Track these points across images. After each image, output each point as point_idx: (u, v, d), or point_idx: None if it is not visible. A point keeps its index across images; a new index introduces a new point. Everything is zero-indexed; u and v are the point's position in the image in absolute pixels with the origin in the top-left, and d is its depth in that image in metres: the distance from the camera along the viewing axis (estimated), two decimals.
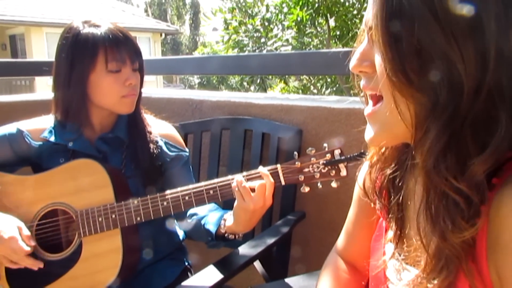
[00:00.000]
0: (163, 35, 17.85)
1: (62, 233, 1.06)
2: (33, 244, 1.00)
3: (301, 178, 0.95)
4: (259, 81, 6.08)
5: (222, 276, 0.99)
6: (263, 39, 5.76)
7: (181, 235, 1.30)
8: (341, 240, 0.81)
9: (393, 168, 0.60)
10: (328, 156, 0.94)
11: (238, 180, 0.95)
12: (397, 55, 0.46)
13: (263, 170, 0.96)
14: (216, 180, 0.99)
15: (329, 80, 6.39)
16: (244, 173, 0.97)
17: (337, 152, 0.93)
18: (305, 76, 6.35)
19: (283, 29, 5.76)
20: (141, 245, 1.12)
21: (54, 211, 1.06)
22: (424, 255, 0.51)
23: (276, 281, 1.04)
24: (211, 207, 1.16)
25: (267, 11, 5.82)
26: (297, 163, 0.96)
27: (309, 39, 6.29)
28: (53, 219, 1.05)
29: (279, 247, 1.39)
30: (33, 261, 1.00)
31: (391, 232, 0.61)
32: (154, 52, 15.74)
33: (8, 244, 0.96)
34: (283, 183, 0.96)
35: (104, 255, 1.03)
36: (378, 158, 0.62)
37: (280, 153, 1.46)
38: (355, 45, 0.57)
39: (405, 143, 0.57)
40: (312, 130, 1.45)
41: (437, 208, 0.47)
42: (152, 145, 1.13)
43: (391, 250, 0.61)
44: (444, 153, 0.46)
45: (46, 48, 12.96)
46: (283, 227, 1.30)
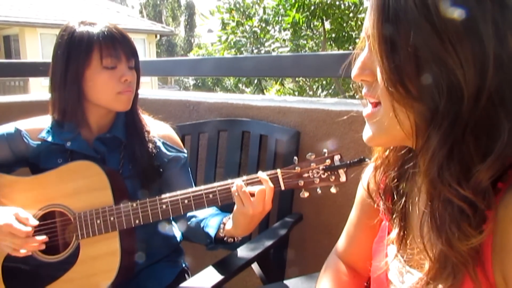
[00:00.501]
0: (158, 36, 17.83)
1: (60, 235, 1.05)
2: (34, 224, 0.98)
3: (301, 183, 0.95)
4: (255, 82, 6.10)
5: (220, 278, 0.99)
6: (261, 40, 5.78)
7: (178, 237, 1.30)
8: (341, 243, 0.81)
9: (397, 171, 0.61)
10: (328, 161, 0.94)
11: (238, 185, 0.94)
12: (394, 64, 0.46)
13: (262, 175, 0.96)
14: (215, 184, 0.99)
15: (324, 82, 6.42)
16: (244, 177, 0.97)
17: (336, 157, 0.93)
18: (301, 78, 6.38)
19: (280, 31, 5.79)
20: (138, 249, 1.11)
21: (52, 213, 1.05)
22: (427, 259, 0.50)
23: (275, 283, 1.04)
24: (210, 209, 1.16)
25: (264, 12, 5.84)
26: (297, 168, 0.96)
27: (304, 41, 6.32)
28: (50, 221, 1.04)
29: (276, 249, 1.39)
30: (37, 240, 0.97)
31: (394, 233, 0.61)
32: (149, 53, 15.69)
33: (4, 230, 0.94)
34: (282, 188, 0.96)
35: (102, 257, 1.02)
36: (382, 161, 0.62)
37: (278, 155, 1.46)
38: (355, 50, 0.57)
39: (409, 148, 0.57)
40: (310, 132, 1.45)
41: (442, 216, 0.47)
42: (150, 145, 1.13)
43: (393, 251, 0.61)
44: (447, 161, 0.45)
45: (40, 48, 12.87)
46: (280, 229, 1.30)
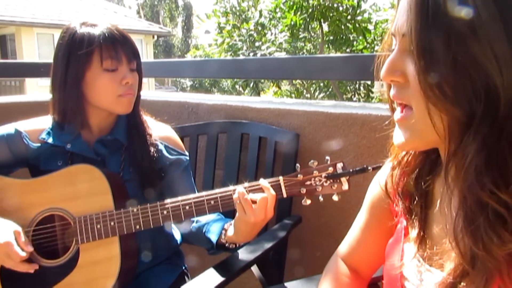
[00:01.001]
0: (156, 37, 17.80)
1: (59, 239, 1.04)
2: (30, 250, 0.98)
3: (303, 191, 0.95)
4: (252, 84, 6.10)
5: (221, 281, 0.98)
6: (257, 43, 5.79)
7: (178, 239, 1.29)
8: (345, 245, 0.80)
9: (417, 173, 0.60)
10: (331, 169, 0.93)
11: (240, 192, 0.94)
12: (432, 68, 0.45)
13: (264, 183, 0.95)
14: (217, 191, 0.99)
15: (321, 84, 6.44)
16: (246, 184, 0.97)
17: (339, 165, 0.93)
18: (298, 80, 6.39)
19: (275, 34, 5.80)
20: (138, 252, 1.11)
21: (52, 216, 1.04)
22: (450, 259, 0.50)
23: (274, 285, 1.04)
24: (212, 214, 1.16)
25: (261, 16, 5.85)
26: (299, 175, 0.95)
27: (302, 44, 6.33)
28: (50, 225, 1.04)
29: (276, 251, 1.38)
30: (28, 266, 0.98)
31: (414, 232, 0.61)
32: (146, 54, 15.66)
33: (3, 249, 0.94)
34: (284, 195, 0.96)
35: (102, 262, 1.01)
36: (399, 161, 0.62)
37: (277, 157, 1.46)
38: (379, 50, 0.56)
39: (431, 150, 0.57)
40: (309, 134, 1.45)
41: (477, 220, 0.46)
42: (151, 148, 1.12)
43: (412, 250, 0.61)
44: (486, 166, 0.45)
45: (37, 48, 12.81)
46: (279, 231, 1.30)
